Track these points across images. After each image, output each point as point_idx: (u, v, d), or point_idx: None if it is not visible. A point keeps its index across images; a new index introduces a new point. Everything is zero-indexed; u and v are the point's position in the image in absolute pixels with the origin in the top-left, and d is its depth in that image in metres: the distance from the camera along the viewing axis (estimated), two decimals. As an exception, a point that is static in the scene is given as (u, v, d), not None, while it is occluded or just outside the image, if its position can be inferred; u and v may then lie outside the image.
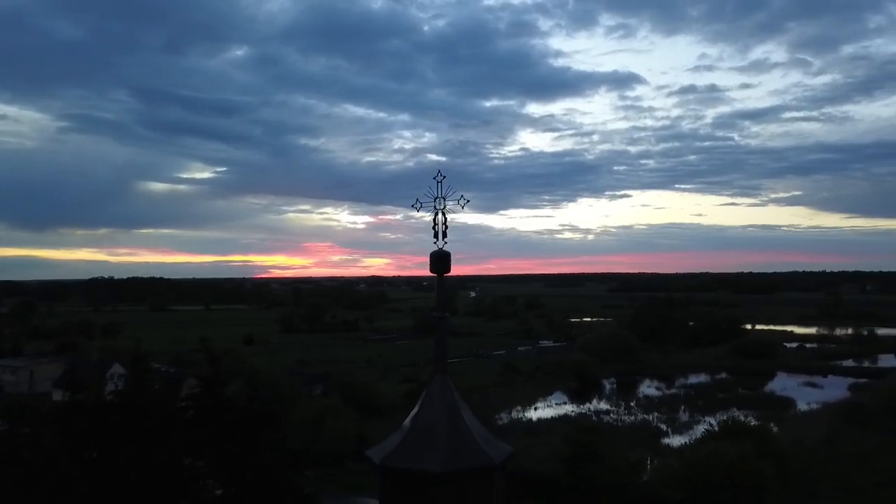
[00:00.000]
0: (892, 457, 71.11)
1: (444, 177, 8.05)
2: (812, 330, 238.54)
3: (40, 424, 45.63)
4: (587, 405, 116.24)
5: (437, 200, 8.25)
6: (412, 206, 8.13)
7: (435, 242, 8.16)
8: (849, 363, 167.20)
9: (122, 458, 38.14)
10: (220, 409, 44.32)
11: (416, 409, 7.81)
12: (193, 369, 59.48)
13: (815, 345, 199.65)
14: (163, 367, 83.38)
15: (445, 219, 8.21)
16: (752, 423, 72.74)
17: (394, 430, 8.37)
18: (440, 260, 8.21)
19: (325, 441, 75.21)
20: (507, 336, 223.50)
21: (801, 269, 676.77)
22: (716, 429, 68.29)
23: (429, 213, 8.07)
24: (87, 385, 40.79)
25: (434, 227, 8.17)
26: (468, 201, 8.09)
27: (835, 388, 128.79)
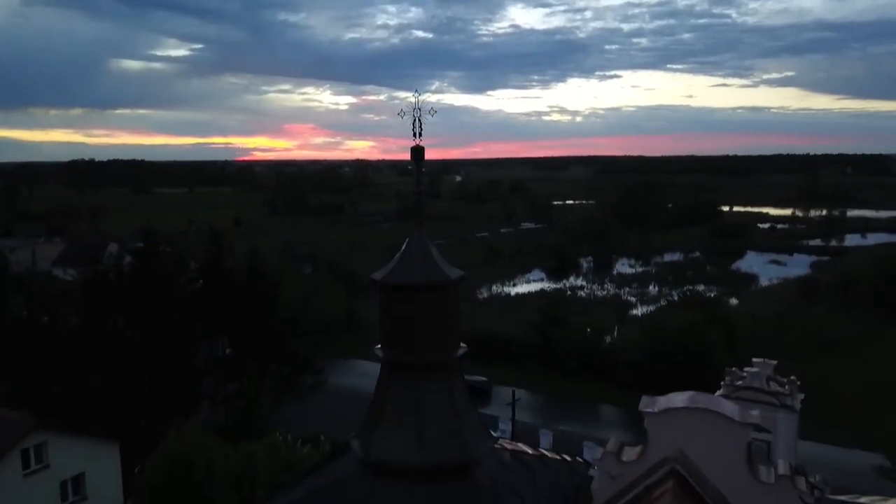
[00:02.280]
0: (833, 327, 78.32)
1: (420, 93, 11.65)
2: (787, 211, 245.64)
3: (57, 300, 50.24)
4: (564, 282, 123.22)
5: (415, 110, 11.83)
6: (397, 114, 11.73)
7: (414, 139, 11.88)
8: (816, 242, 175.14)
9: (141, 324, 43.07)
10: (224, 281, 49.05)
11: (402, 248, 11.84)
12: (192, 247, 63.49)
13: (786, 225, 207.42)
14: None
15: (421, 123, 11.82)
16: (708, 295, 79.17)
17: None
18: (417, 152, 12.03)
19: (316, 314, 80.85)
20: (491, 219, 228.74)
21: (785, 153, 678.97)
22: (676, 300, 74.50)
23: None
24: (98, 262, 44.81)
25: (413, 129, 11.82)
26: (437, 111, 11.82)
27: (798, 266, 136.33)
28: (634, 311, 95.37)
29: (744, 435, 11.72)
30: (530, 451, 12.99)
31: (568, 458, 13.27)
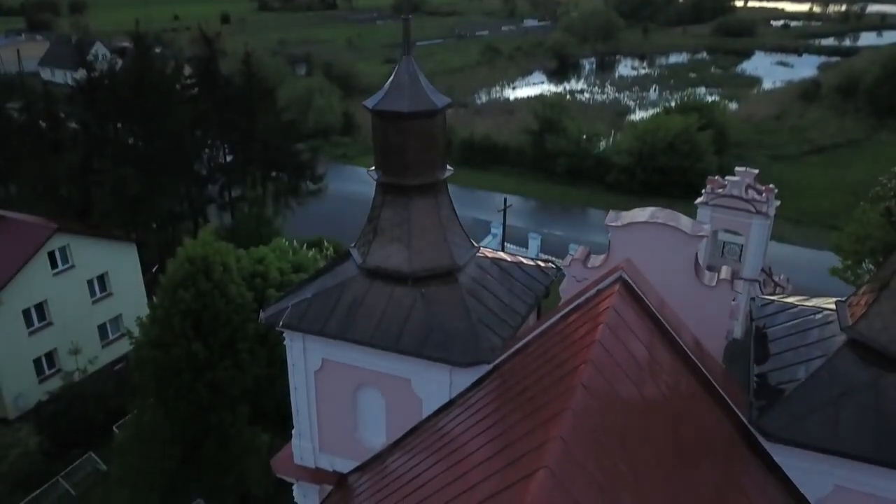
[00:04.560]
0: (827, 129, 78.77)
1: None
2: (804, 6, 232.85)
3: (53, 104, 50.40)
4: (563, 84, 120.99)
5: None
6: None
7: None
8: (828, 42, 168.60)
9: (141, 130, 43.84)
10: (220, 87, 48.92)
11: (391, 79, 12.58)
12: (184, 49, 62.02)
13: (800, 23, 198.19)
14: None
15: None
16: (706, 100, 78.69)
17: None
18: (404, -22, 12.35)
19: (313, 117, 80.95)
20: (492, 16, 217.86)
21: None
22: (672, 105, 74.24)
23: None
24: (89, 67, 44.36)
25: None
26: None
27: (805, 67, 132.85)
28: (632, 116, 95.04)
29: (693, 245, 13.35)
30: (509, 259, 14.77)
31: (542, 264, 15.10)
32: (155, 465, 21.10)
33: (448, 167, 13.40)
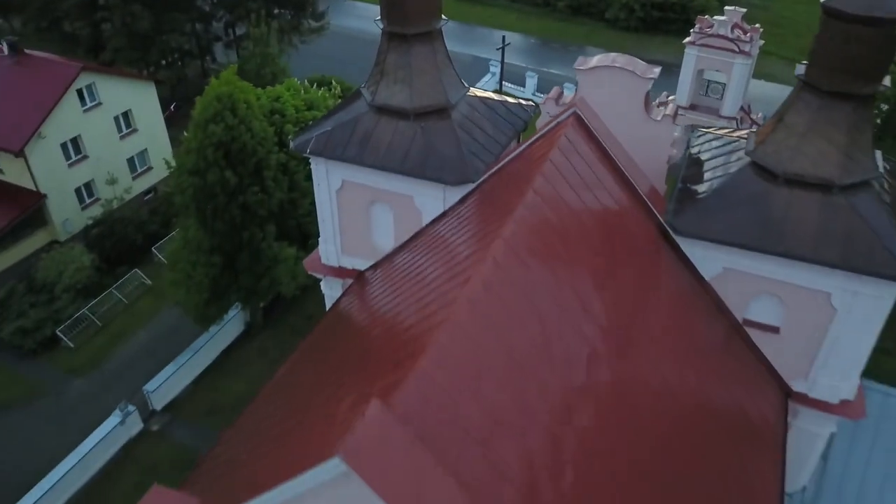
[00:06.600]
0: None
1: None
2: None
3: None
4: None
5: None
6: None
7: None
8: None
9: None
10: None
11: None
12: None
13: None
14: None
15: None
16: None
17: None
18: None
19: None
20: None
21: None
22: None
23: None
24: None
25: None
26: None
27: None
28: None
29: (644, 85, 16.09)
30: (496, 98, 17.61)
31: (523, 102, 17.96)
32: (201, 271, 25.22)
33: (442, 17, 15.89)
